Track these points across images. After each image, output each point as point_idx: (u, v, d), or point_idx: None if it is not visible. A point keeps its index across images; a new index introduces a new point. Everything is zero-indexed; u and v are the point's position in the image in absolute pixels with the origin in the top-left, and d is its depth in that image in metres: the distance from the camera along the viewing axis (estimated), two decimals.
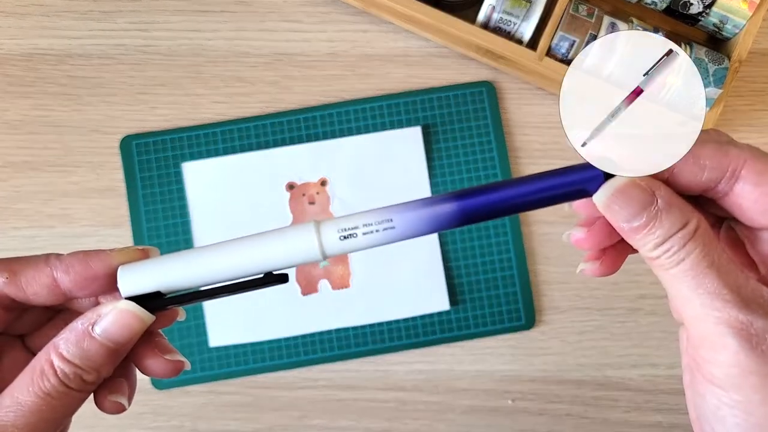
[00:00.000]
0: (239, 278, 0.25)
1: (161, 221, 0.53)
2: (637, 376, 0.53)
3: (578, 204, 0.26)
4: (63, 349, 0.24)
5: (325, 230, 0.25)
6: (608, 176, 0.23)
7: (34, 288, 0.25)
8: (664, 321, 0.53)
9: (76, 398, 0.24)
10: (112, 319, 0.24)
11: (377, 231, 0.24)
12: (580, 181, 0.23)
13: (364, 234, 0.24)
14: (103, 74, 0.54)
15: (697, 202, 0.26)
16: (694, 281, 0.22)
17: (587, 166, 0.23)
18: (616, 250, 0.26)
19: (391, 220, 0.24)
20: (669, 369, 0.53)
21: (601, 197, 0.23)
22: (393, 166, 0.53)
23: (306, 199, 0.53)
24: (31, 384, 0.23)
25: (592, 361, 0.53)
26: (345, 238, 0.24)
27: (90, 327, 0.24)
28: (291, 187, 0.53)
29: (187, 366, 0.27)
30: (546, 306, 0.53)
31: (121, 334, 0.24)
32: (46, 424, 0.23)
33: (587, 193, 0.24)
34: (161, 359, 0.26)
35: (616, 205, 0.23)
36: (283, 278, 0.25)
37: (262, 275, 0.25)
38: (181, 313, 0.28)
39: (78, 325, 0.24)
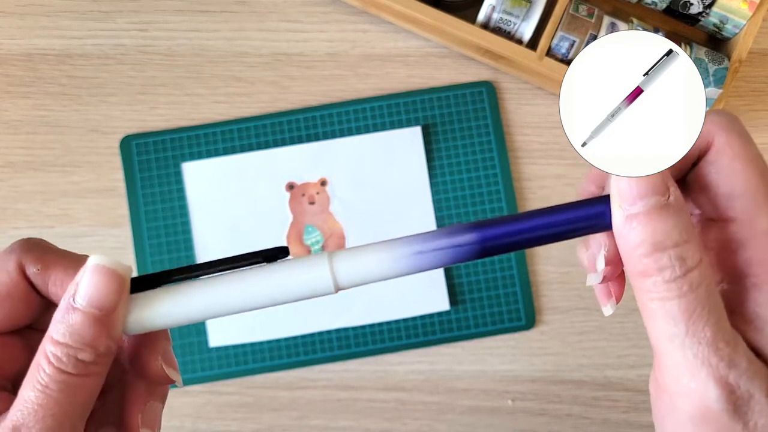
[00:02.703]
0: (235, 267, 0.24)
1: (161, 221, 0.53)
2: (636, 377, 0.52)
3: (595, 275, 0.26)
4: (53, 331, 0.23)
5: (337, 260, 0.23)
6: None
7: (56, 290, 0.25)
8: None
9: (79, 385, 0.23)
10: (87, 281, 0.23)
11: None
12: (599, 214, 0.23)
13: None
14: (103, 74, 0.54)
15: None
16: (694, 326, 0.21)
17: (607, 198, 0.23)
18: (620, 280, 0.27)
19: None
20: None
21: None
22: (393, 166, 0.53)
23: (306, 199, 0.53)
24: (31, 378, 0.23)
25: (592, 361, 0.53)
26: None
27: (71, 299, 0.23)
28: (291, 187, 0.53)
29: (179, 384, 0.27)
30: (546, 306, 0.53)
31: (101, 295, 0.23)
32: (54, 420, 0.22)
33: (606, 225, 0.23)
34: (158, 367, 0.25)
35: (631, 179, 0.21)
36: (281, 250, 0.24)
37: (260, 250, 0.24)
38: (178, 382, 0.27)
39: (62, 301, 0.23)
